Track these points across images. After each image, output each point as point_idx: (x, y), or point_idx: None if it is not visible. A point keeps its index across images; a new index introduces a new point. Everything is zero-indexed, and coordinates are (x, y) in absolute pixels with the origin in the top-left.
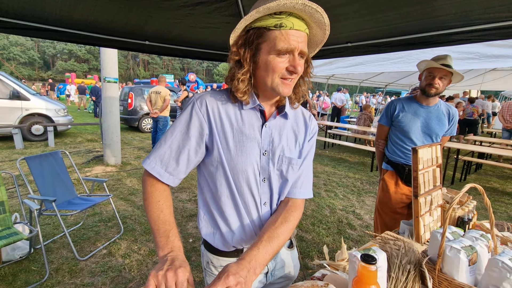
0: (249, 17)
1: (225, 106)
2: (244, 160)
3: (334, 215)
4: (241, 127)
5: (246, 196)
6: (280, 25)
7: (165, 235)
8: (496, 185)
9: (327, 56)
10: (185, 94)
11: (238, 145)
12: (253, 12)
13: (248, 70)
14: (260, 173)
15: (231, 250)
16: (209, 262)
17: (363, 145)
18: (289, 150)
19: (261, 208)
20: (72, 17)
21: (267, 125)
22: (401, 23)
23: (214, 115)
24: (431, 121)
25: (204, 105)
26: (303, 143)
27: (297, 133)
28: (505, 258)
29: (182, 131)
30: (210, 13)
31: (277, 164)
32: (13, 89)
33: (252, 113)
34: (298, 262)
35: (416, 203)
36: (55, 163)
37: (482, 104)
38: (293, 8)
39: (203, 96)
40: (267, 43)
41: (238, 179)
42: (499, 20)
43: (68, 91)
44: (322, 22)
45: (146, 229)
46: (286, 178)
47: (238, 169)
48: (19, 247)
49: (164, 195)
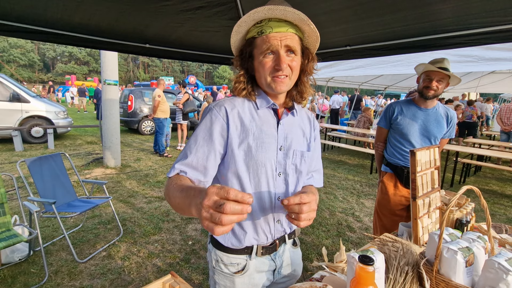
0: (235, 32)
1: (242, 107)
2: (264, 155)
3: (333, 218)
4: (260, 125)
5: (262, 192)
6: (261, 32)
7: (192, 189)
8: (495, 187)
9: (327, 59)
10: (186, 97)
11: (259, 141)
12: (235, 27)
13: (243, 74)
14: (276, 168)
15: (242, 248)
16: (218, 261)
17: (363, 147)
18: (300, 144)
19: (275, 203)
20: (72, 20)
21: (282, 122)
22: (399, 26)
23: (234, 116)
24: (430, 123)
25: (223, 109)
26: (310, 137)
27: (304, 129)
28: (501, 259)
29: (205, 137)
30: (210, 17)
31: (292, 159)
32: (13, 91)
33: (267, 112)
34: (302, 262)
35: (415, 205)
36: (55, 165)
37: (480, 106)
38: (265, 15)
39: (219, 102)
40: (256, 49)
41: (257, 174)
42: (496, 24)
43: (71, 93)
44: (300, 18)
45: (146, 231)
46: (300, 170)
47: (258, 165)
48: (18, 249)
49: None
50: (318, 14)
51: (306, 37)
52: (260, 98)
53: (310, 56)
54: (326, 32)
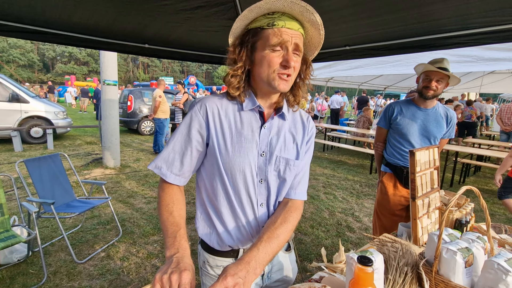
0: (243, 16)
1: (225, 108)
2: (242, 160)
3: (333, 218)
4: (240, 129)
5: (242, 197)
6: (272, 24)
7: (172, 236)
8: (495, 187)
9: (326, 59)
10: (185, 97)
11: (237, 146)
12: (245, 11)
13: (241, 66)
14: (257, 173)
15: (227, 250)
16: (205, 262)
17: (362, 147)
18: (287, 151)
19: (258, 209)
20: (71, 20)
21: (266, 126)
22: (398, 26)
23: (214, 116)
24: (429, 123)
25: (204, 108)
26: (301, 144)
27: (295, 135)
28: (500, 260)
29: (183, 133)
30: (209, 16)
31: (274, 165)
32: (12, 91)
33: (251, 114)
34: (296, 266)
35: (414, 205)
36: (54, 165)
37: (480, 106)
38: (283, 7)
39: (203, 99)
40: (262, 41)
41: (235, 179)
42: (495, 24)
43: (70, 93)
44: (314, 21)
45: (145, 232)
46: (284, 178)
47: (235, 170)
48: (17, 250)
49: (174, 198)
50: None
51: (307, 42)
52: (247, 99)
53: (308, 62)
54: (325, 32)
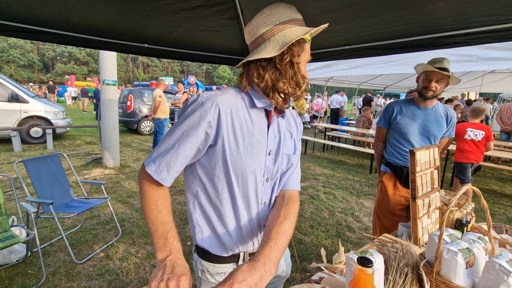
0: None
1: (236, 106)
2: (254, 162)
3: (333, 218)
4: (251, 129)
5: (251, 198)
6: (309, 40)
7: (163, 236)
8: (495, 187)
9: (326, 58)
10: (185, 97)
11: (249, 148)
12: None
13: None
14: (264, 173)
15: (229, 255)
16: (204, 271)
17: (362, 147)
18: (287, 147)
19: (261, 208)
20: (71, 20)
21: (272, 125)
22: (398, 26)
23: (226, 116)
24: (429, 123)
25: (216, 107)
26: (297, 139)
27: (291, 131)
28: (502, 260)
29: (189, 133)
30: (208, 16)
31: (280, 163)
32: (12, 91)
33: (259, 113)
34: (290, 261)
35: (414, 205)
36: (53, 165)
37: None
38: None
39: (213, 97)
40: (304, 54)
41: (246, 181)
42: (496, 23)
43: (70, 93)
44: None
45: (144, 232)
46: (285, 174)
47: (247, 171)
48: (16, 250)
49: (162, 194)
50: (317, 13)
51: None
52: (257, 96)
53: None
54: (324, 31)
